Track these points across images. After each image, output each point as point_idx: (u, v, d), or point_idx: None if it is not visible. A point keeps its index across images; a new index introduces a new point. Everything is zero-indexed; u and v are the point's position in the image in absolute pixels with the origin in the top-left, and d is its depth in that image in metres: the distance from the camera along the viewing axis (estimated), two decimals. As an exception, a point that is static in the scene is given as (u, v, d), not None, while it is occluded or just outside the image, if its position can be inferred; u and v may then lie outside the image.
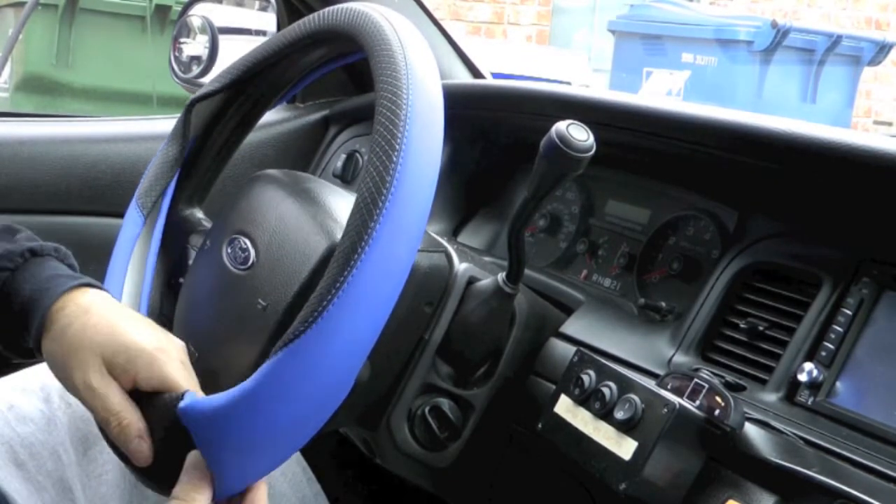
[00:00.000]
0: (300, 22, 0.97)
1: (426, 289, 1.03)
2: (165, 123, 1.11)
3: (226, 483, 0.83)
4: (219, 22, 1.66)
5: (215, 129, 1.07)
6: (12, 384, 1.07)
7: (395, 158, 0.79)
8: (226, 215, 1.02)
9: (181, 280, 1.04)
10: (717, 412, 0.89)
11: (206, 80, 1.51)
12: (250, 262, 0.96)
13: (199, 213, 1.09)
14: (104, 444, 0.99)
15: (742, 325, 1.04)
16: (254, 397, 0.78)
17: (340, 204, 0.99)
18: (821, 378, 0.95)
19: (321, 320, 0.76)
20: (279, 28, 1.66)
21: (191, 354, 0.95)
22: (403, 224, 0.78)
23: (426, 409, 1.05)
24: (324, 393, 0.79)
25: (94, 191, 1.50)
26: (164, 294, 1.04)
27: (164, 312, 1.04)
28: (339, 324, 0.77)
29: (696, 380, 0.92)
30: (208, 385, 0.86)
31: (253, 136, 1.20)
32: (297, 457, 1.23)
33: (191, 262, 1.05)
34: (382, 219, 0.77)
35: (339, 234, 0.89)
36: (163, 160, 1.05)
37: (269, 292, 0.93)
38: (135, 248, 1.03)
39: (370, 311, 0.78)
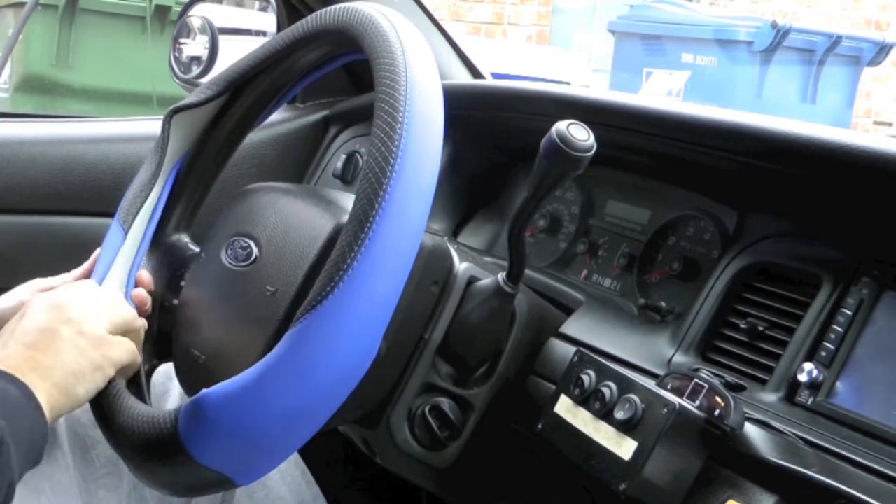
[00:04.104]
0: (299, 23, 0.97)
1: (432, 267, 1.03)
2: (165, 124, 1.11)
3: (257, 460, 0.82)
4: (219, 22, 1.66)
5: (206, 145, 1.06)
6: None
7: (394, 154, 0.79)
8: (218, 226, 1.01)
9: (175, 301, 1.03)
10: (717, 412, 0.89)
11: (206, 80, 1.51)
12: (253, 257, 0.95)
13: (185, 238, 1.08)
14: (103, 446, 0.99)
15: (742, 325, 1.04)
16: (282, 366, 0.78)
17: (340, 195, 0.99)
18: (821, 378, 0.95)
19: (346, 280, 0.77)
20: (279, 28, 1.66)
21: (195, 358, 0.94)
22: (410, 200, 0.80)
23: (426, 409, 1.05)
24: (352, 356, 0.79)
25: (94, 191, 1.50)
26: (158, 317, 1.03)
27: (161, 331, 1.02)
28: (363, 283, 0.77)
29: (696, 380, 0.92)
30: (218, 380, 0.86)
31: (253, 136, 1.20)
32: (295, 459, 1.23)
33: (183, 283, 1.03)
34: (386, 203, 0.78)
35: (343, 217, 0.89)
36: (143, 174, 1.04)
37: (277, 278, 0.93)
38: (116, 261, 1.01)
39: (391, 269, 0.79)
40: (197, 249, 1.05)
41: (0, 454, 0.75)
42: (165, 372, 1.10)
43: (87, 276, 1.02)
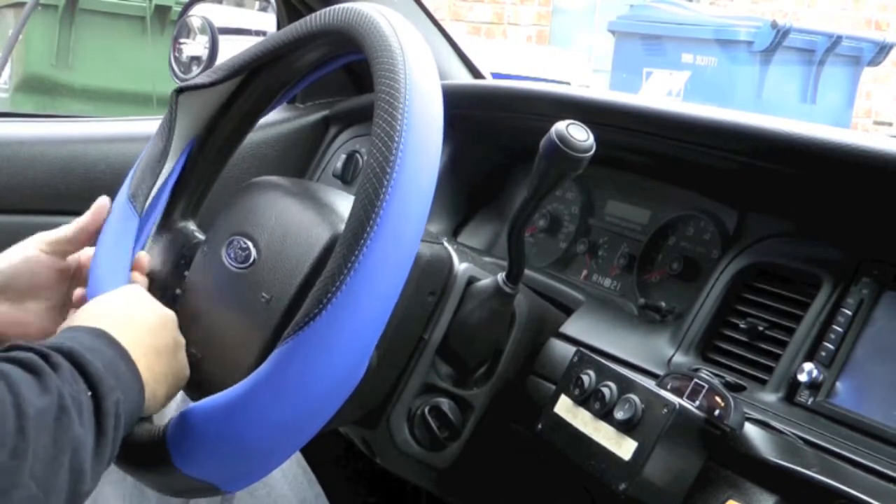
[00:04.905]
0: (300, 21, 0.97)
1: (429, 278, 1.02)
2: (165, 124, 1.11)
3: (244, 471, 0.83)
4: (219, 22, 1.65)
5: (214, 132, 1.06)
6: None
7: (393, 156, 0.79)
8: (222, 220, 1.02)
9: (178, 291, 1.03)
10: (717, 412, 0.89)
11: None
12: (251, 259, 0.96)
13: (191, 226, 1.08)
14: None
15: (742, 326, 1.04)
16: (269, 383, 0.78)
17: (339, 200, 0.99)
18: (821, 378, 0.95)
19: (337, 298, 0.77)
20: (279, 28, 1.66)
21: (192, 356, 0.94)
22: (407, 214, 0.80)
23: (426, 409, 1.05)
24: (341, 374, 0.79)
25: (94, 191, 1.49)
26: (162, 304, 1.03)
27: None
28: (354, 302, 0.77)
29: (695, 380, 0.92)
30: (214, 382, 0.86)
31: (253, 136, 1.20)
32: (297, 458, 1.23)
33: (187, 273, 1.04)
34: (384, 210, 0.78)
35: (341, 226, 0.89)
36: (152, 151, 1.04)
37: (272, 285, 0.93)
38: (123, 245, 1.01)
39: (382, 288, 0.79)
40: (202, 237, 1.05)
41: (116, 428, 0.75)
42: None
43: (90, 230, 1.02)
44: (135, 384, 0.80)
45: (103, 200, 1.04)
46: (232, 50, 1.61)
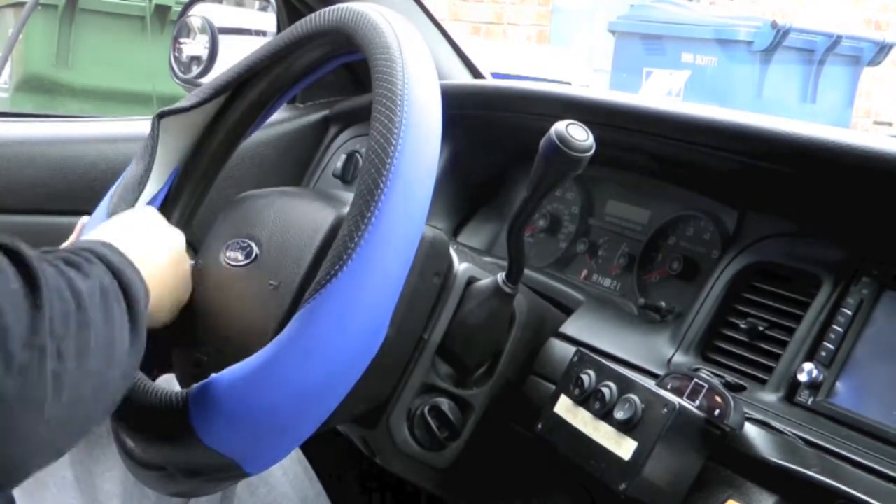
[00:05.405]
0: (296, 24, 0.97)
1: (434, 258, 1.02)
2: (165, 123, 1.11)
3: (266, 445, 0.82)
4: (219, 22, 1.66)
5: (201, 154, 1.05)
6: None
7: (395, 136, 0.80)
8: (217, 231, 1.01)
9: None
10: (716, 412, 0.89)
11: (206, 80, 1.51)
12: (253, 255, 0.95)
13: None
14: (108, 443, 0.99)
15: (742, 325, 1.04)
16: (292, 346, 0.78)
17: (338, 192, 0.99)
18: (821, 378, 0.95)
19: (354, 258, 0.77)
20: (279, 28, 1.66)
21: (199, 361, 0.94)
22: (409, 193, 0.80)
23: (425, 409, 1.05)
24: (362, 336, 0.79)
25: (95, 190, 1.49)
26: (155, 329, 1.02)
27: (159, 344, 1.01)
28: (371, 261, 0.78)
29: (695, 380, 0.92)
30: None
31: (253, 136, 1.20)
32: (298, 456, 1.23)
33: None
34: (390, 182, 0.79)
35: (344, 209, 0.89)
36: (134, 172, 1.03)
37: (279, 272, 0.92)
38: None
39: (397, 248, 0.80)
40: (191, 262, 1.05)
41: (141, 318, 0.78)
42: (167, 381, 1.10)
43: None
44: (142, 287, 0.83)
45: (84, 221, 1.04)
46: (232, 50, 1.61)
